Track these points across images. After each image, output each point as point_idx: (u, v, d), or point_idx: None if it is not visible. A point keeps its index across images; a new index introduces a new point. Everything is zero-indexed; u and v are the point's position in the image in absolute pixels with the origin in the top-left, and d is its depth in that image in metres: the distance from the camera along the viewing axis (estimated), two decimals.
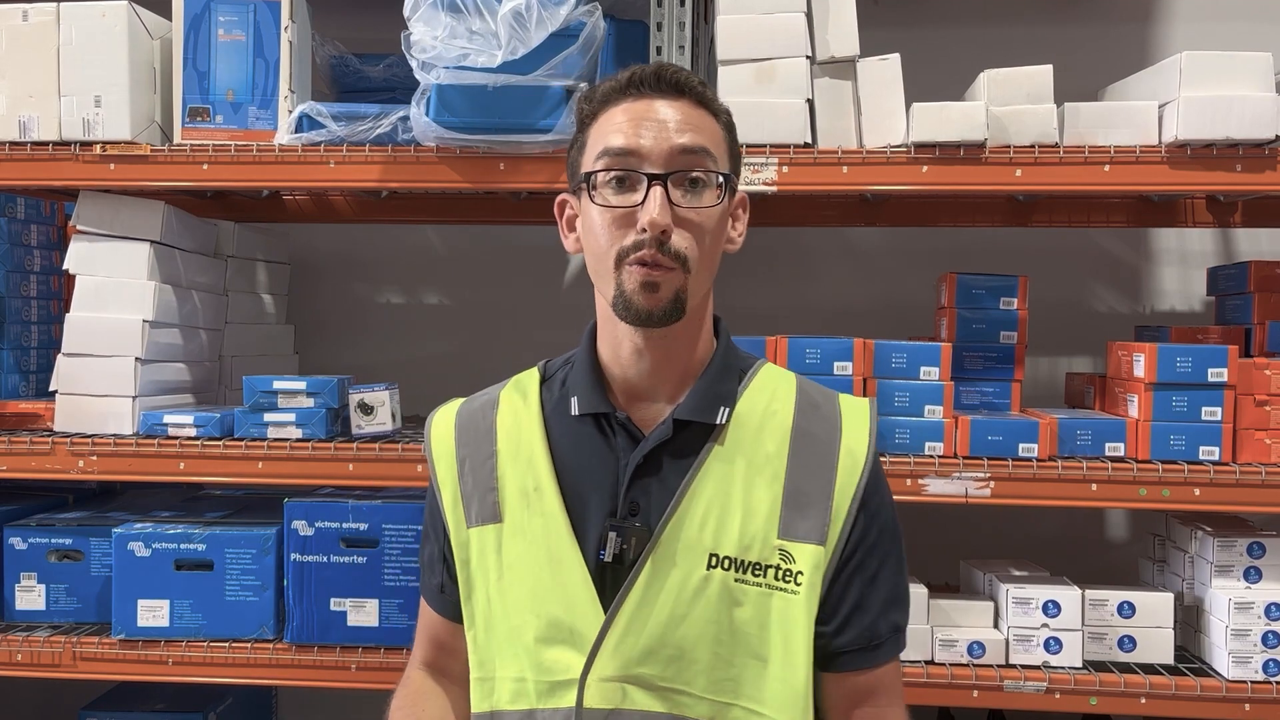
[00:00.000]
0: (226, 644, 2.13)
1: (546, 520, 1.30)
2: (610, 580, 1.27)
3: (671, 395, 1.33)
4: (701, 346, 1.35)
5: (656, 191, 1.23)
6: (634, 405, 1.34)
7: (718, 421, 1.31)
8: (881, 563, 1.33)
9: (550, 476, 1.32)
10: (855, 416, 1.36)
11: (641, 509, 1.29)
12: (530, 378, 1.41)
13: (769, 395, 1.36)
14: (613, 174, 1.26)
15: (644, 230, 1.23)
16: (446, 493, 1.37)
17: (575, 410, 1.33)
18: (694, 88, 1.29)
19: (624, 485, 1.29)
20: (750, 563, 1.27)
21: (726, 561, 1.27)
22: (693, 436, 1.31)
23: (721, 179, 1.28)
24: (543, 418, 1.36)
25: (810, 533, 1.29)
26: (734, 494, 1.29)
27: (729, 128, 1.34)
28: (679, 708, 1.26)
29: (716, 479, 1.29)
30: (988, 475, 2.00)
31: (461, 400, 1.44)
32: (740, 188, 1.37)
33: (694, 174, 1.26)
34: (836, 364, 2.04)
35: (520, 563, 1.30)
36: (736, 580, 1.27)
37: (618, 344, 1.32)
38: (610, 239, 1.26)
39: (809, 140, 2.02)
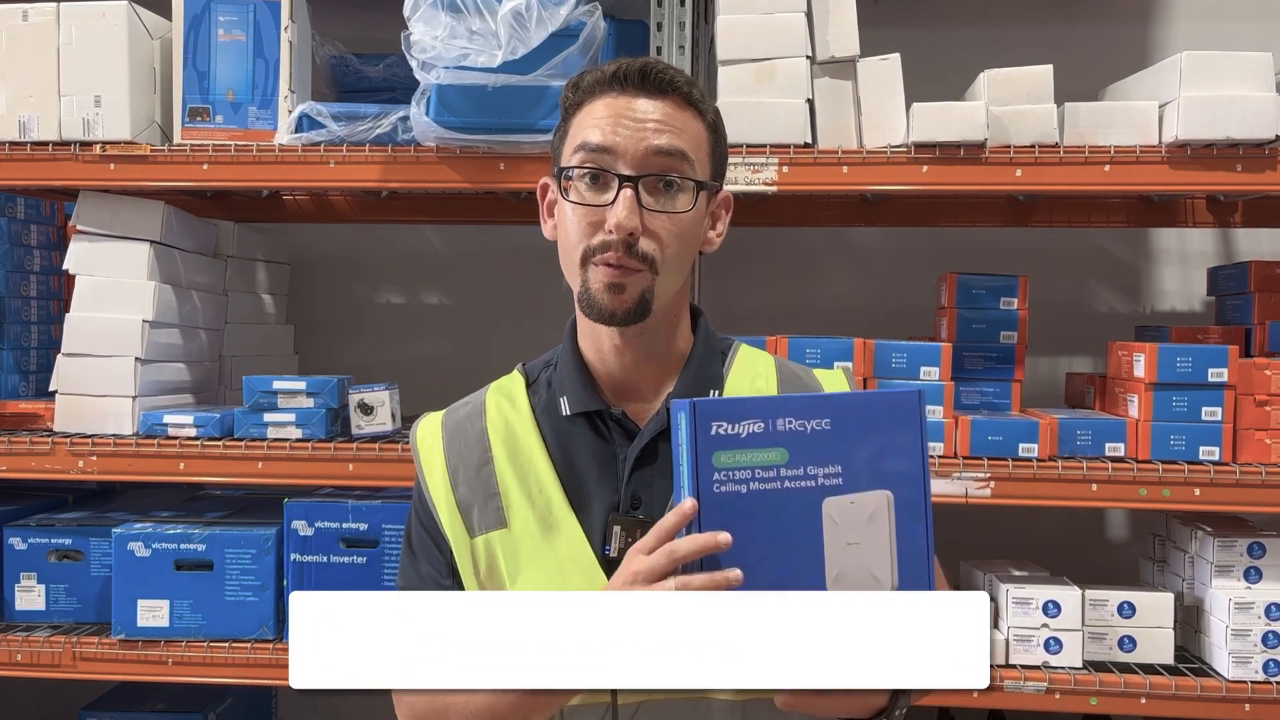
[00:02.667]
0: (226, 644, 2.13)
1: (553, 521, 1.30)
2: None
3: (657, 388, 1.34)
4: (681, 338, 1.36)
5: (626, 194, 1.23)
6: (624, 401, 1.34)
7: None
8: None
9: (552, 477, 1.31)
10: (834, 383, 1.40)
11: (644, 501, 1.29)
12: (514, 382, 1.40)
13: (752, 373, 1.37)
14: (586, 170, 1.26)
15: (611, 232, 1.23)
16: (442, 505, 1.35)
17: (566, 410, 1.33)
18: (679, 86, 1.28)
19: (624, 479, 1.29)
20: None
21: None
22: None
23: (696, 184, 1.27)
24: (535, 420, 1.35)
25: None
26: None
27: (714, 128, 1.33)
28: (706, 691, 1.25)
29: None
30: (988, 475, 2.00)
31: (441, 412, 1.43)
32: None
33: (667, 178, 1.26)
34: (837, 364, 2.04)
35: (531, 566, 1.30)
36: None
37: (598, 339, 1.33)
38: (579, 236, 1.26)
39: (809, 140, 2.01)
